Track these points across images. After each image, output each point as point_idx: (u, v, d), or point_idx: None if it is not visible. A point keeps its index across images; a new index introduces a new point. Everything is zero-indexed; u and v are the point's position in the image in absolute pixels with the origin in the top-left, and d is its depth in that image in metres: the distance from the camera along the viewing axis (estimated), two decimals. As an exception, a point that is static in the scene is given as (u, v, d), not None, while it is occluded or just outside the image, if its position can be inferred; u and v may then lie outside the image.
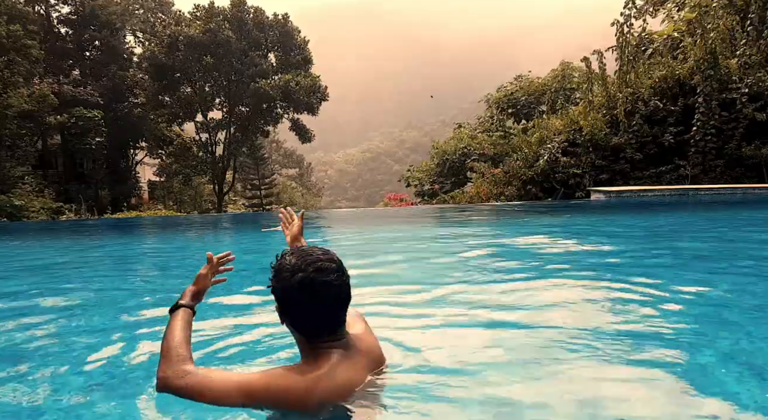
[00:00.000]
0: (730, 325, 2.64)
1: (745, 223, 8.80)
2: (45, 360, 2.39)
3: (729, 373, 1.96)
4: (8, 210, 21.04)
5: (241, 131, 36.36)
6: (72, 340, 2.76)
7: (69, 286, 4.83)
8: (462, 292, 3.52)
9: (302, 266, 1.58)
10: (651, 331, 2.50)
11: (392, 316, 2.84)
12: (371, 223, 14.62)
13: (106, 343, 2.66)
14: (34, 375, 2.18)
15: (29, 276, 5.70)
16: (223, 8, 33.92)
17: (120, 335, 2.80)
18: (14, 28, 23.16)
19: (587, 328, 2.54)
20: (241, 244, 9.50)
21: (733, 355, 2.16)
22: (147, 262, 7.04)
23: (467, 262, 5.19)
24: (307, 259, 1.60)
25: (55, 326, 3.13)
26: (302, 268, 1.58)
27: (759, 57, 18.39)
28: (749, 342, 2.35)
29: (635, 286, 3.59)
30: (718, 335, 2.46)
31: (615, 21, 20.67)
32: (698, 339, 2.40)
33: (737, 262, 4.81)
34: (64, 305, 3.83)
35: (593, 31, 43.65)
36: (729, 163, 18.27)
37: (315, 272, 1.57)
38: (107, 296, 4.21)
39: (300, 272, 1.57)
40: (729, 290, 3.52)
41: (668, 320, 2.70)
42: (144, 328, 2.95)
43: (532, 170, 20.29)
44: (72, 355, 2.47)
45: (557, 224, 10.42)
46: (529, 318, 2.82)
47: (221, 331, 2.78)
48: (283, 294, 1.61)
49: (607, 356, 2.15)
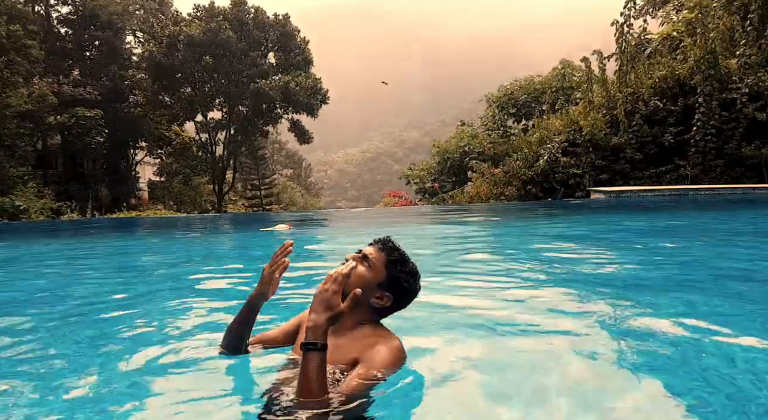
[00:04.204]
0: (731, 326, 2.63)
1: (745, 223, 8.80)
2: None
3: (736, 373, 1.95)
4: (9, 210, 21.05)
5: (241, 131, 36.38)
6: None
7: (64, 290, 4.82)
8: (462, 293, 3.51)
9: (418, 273, 1.92)
10: (653, 332, 2.50)
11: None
12: (371, 223, 14.61)
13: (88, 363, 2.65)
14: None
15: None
16: (223, 8, 33.93)
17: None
18: (14, 28, 23.17)
19: (589, 331, 2.54)
20: (242, 244, 9.49)
21: (736, 355, 2.16)
22: (145, 264, 7.04)
23: (467, 263, 5.19)
24: (415, 267, 1.91)
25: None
26: (418, 276, 1.92)
27: (759, 57, 18.40)
28: (756, 343, 2.34)
29: (636, 286, 3.59)
30: (722, 336, 2.46)
31: (615, 21, 20.68)
32: (701, 340, 2.40)
33: (738, 262, 4.81)
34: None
35: (593, 31, 43.69)
36: (729, 163, 18.27)
37: (419, 279, 1.93)
38: (107, 296, 4.21)
39: (419, 279, 1.92)
40: (729, 290, 3.52)
41: (670, 320, 2.69)
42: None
43: (532, 170, 20.29)
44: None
45: (557, 224, 10.42)
46: (530, 319, 2.82)
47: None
48: (406, 289, 1.87)
49: (609, 357, 2.15)
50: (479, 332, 2.51)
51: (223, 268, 5.96)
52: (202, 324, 2.92)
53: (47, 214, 22.80)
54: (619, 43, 20.70)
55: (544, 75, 28.63)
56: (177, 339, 2.64)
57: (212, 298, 3.73)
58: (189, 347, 2.46)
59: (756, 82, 17.78)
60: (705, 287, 3.64)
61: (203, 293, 3.91)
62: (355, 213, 23.43)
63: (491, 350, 2.28)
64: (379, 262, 1.83)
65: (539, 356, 2.18)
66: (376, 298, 1.81)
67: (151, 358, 2.33)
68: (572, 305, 3.12)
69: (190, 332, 2.77)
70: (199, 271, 5.62)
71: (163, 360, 2.29)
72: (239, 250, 8.41)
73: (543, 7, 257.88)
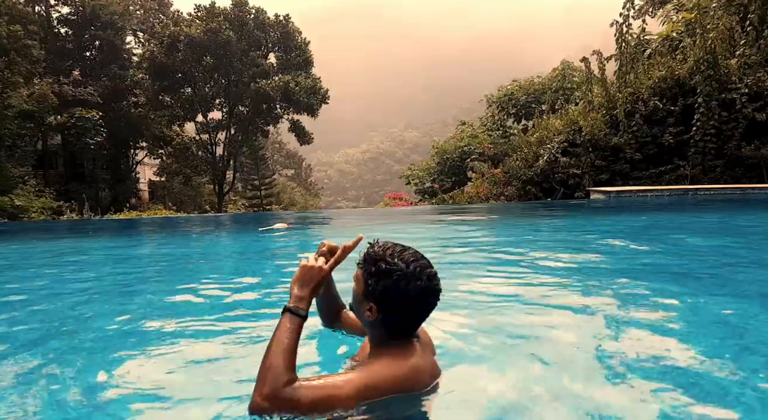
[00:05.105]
0: (732, 326, 2.65)
1: (746, 222, 8.81)
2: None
3: (741, 373, 1.97)
4: (9, 210, 21.06)
5: (241, 131, 36.37)
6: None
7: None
8: (461, 294, 3.52)
9: (417, 273, 1.60)
10: (657, 335, 2.51)
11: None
12: (372, 223, 14.62)
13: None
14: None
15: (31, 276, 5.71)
16: (224, 8, 33.93)
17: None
18: (14, 29, 23.17)
19: (592, 333, 2.55)
20: (242, 243, 9.50)
21: (739, 356, 2.17)
22: (144, 265, 7.05)
23: (466, 264, 5.20)
24: (419, 263, 1.63)
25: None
26: (418, 276, 1.61)
27: (759, 57, 18.39)
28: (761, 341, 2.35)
29: (636, 287, 3.60)
30: (725, 336, 2.47)
31: (614, 21, 20.69)
32: (705, 342, 2.41)
33: (738, 262, 4.82)
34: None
35: (594, 31, 43.62)
36: (729, 164, 18.26)
37: (428, 280, 1.62)
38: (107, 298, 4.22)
39: (417, 280, 1.60)
40: (732, 290, 3.53)
41: (673, 321, 2.71)
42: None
43: (531, 170, 20.29)
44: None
45: (557, 224, 10.43)
46: (531, 320, 2.83)
47: (222, 332, 2.79)
48: (394, 300, 1.62)
49: (611, 359, 2.16)
50: (479, 331, 2.52)
51: (223, 269, 5.97)
52: (202, 324, 2.93)
53: (47, 214, 22.81)
54: (619, 44, 20.70)
55: (544, 75, 28.65)
56: (176, 339, 2.65)
57: (212, 297, 3.74)
58: (189, 347, 2.48)
59: (756, 82, 17.78)
60: (707, 287, 3.65)
61: (203, 293, 3.92)
62: (355, 213, 23.43)
63: (491, 352, 2.29)
64: (360, 275, 1.70)
65: (541, 358, 2.19)
66: (367, 311, 1.67)
67: (151, 359, 2.34)
68: (574, 306, 3.13)
69: (190, 332, 2.78)
70: (199, 271, 5.63)
71: (162, 359, 2.30)
72: (238, 251, 8.42)
73: (543, 7, 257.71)
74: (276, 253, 7.48)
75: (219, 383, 1.96)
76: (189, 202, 37.00)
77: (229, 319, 3.03)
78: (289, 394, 1.44)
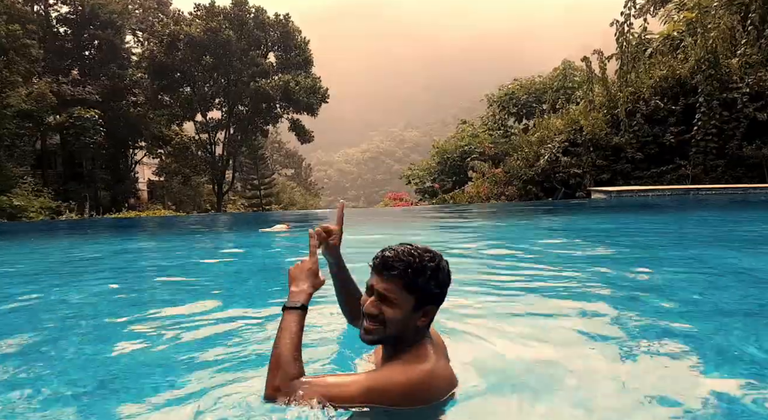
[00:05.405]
0: (732, 327, 2.60)
1: (746, 222, 8.77)
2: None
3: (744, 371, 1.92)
4: (8, 210, 21.01)
5: (241, 131, 36.35)
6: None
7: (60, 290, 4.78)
8: (460, 295, 3.47)
9: (435, 258, 1.64)
10: (660, 336, 2.47)
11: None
12: (371, 222, 14.58)
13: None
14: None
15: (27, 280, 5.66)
16: (224, 8, 33.88)
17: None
18: (13, 28, 23.13)
19: (594, 334, 2.51)
20: (242, 244, 9.46)
21: (742, 355, 2.13)
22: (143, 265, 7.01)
23: (466, 264, 5.15)
24: (427, 253, 1.64)
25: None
26: (438, 261, 1.64)
27: (760, 56, 18.38)
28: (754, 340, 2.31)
29: (637, 287, 3.55)
30: (726, 336, 2.43)
31: (615, 21, 20.67)
32: (706, 342, 2.37)
33: (738, 263, 4.77)
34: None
35: (594, 31, 43.61)
36: (730, 163, 18.25)
37: (443, 261, 1.67)
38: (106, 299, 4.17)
39: (441, 263, 1.65)
40: (733, 291, 3.49)
41: (676, 322, 2.66)
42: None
43: (532, 170, 20.27)
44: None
45: (557, 224, 10.39)
46: (532, 322, 2.79)
47: (221, 333, 2.74)
48: (440, 293, 1.65)
49: (613, 359, 2.12)
50: (478, 332, 2.48)
51: (223, 268, 5.93)
52: (202, 323, 2.88)
53: (46, 214, 22.76)
54: (620, 43, 20.69)
55: (545, 75, 28.63)
56: (176, 339, 2.61)
57: (212, 298, 3.70)
58: (188, 347, 2.43)
59: (757, 81, 17.76)
60: (709, 288, 3.60)
61: (203, 293, 3.87)
62: (355, 213, 23.41)
63: (492, 352, 2.24)
64: (396, 292, 1.59)
65: (541, 359, 2.14)
66: (422, 318, 1.63)
67: (151, 358, 2.30)
68: (575, 307, 3.08)
69: (190, 332, 2.74)
70: (199, 271, 5.58)
71: (162, 359, 2.27)
72: (238, 251, 8.37)
73: (544, 7, 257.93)
74: (276, 253, 7.44)
75: (219, 383, 1.93)
76: (188, 202, 36.97)
77: (230, 319, 2.98)
78: (297, 386, 1.54)
